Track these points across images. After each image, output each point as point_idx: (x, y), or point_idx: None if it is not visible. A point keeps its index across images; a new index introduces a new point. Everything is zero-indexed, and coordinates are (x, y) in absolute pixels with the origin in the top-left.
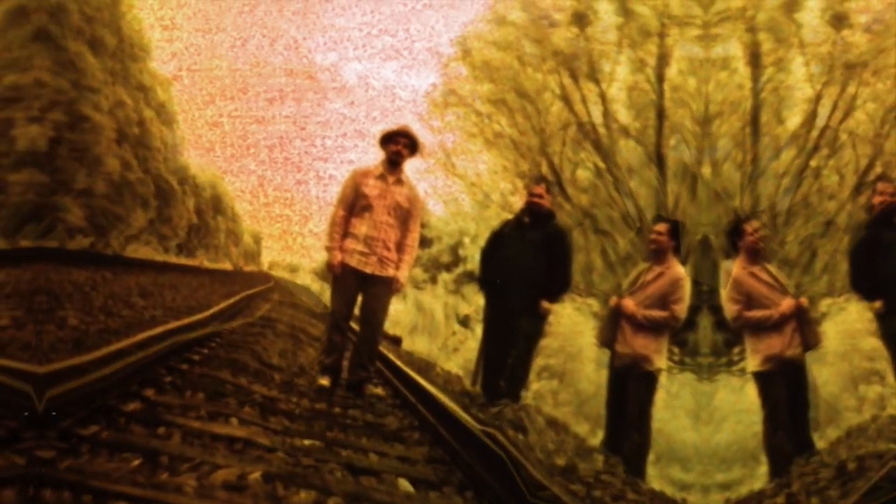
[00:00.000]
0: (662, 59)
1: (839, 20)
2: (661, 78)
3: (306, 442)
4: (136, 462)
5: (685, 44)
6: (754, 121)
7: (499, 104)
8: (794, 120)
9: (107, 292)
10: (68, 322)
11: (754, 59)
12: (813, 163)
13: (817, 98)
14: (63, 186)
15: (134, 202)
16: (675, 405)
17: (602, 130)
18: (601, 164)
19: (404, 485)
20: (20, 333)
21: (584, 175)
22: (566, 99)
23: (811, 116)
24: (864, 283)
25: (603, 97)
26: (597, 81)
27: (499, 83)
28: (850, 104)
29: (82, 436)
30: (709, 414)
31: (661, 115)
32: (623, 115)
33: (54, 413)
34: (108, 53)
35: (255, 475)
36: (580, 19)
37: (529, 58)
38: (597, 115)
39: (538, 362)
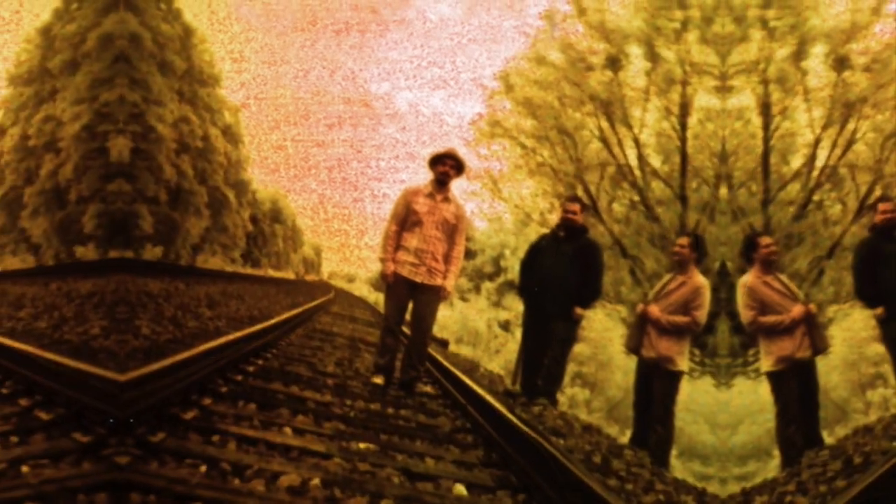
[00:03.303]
0: (684, 108)
1: (841, 63)
2: (683, 126)
3: (362, 445)
4: (203, 468)
5: (704, 94)
6: (765, 161)
7: (542, 140)
8: (797, 162)
9: (177, 303)
10: (142, 331)
11: (765, 110)
12: (816, 197)
13: (816, 142)
14: (140, 195)
15: (188, 210)
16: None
17: (638, 173)
18: (636, 198)
19: (459, 489)
20: (107, 342)
21: (618, 208)
22: (605, 141)
23: (811, 159)
24: (867, 291)
25: (637, 141)
26: (629, 127)
27: (542, 120)
28: (850, 139)
29: (152, 443)
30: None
31: (684, 158)
32: (654, 160)
33: (132, 420)
34: (177, 76)
35: (315, 481)
36: (613, 63)
37: (569, 100)
38: (632, 158)
39: (572, 368)
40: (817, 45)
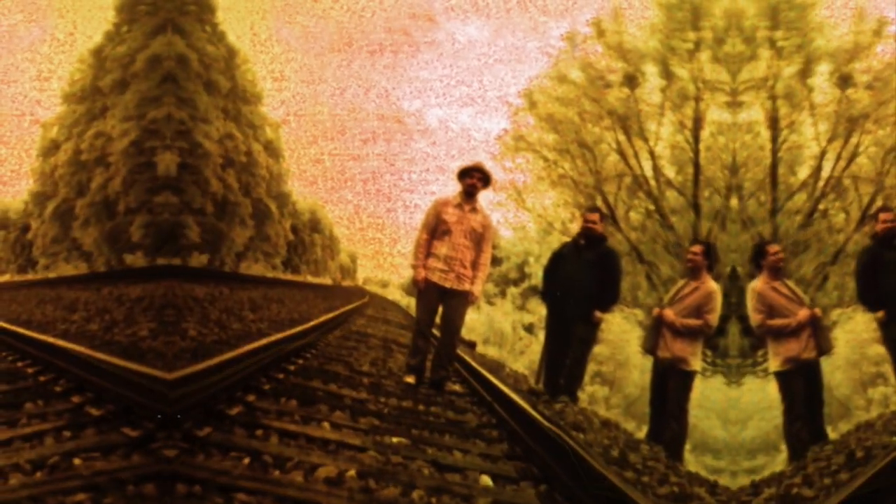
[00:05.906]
0: (697, 122)
1: (844, 81)
2: (697, 138)
3: (395, 439)
4: (247, 460)
5: (716, 109)
6: (773, 172)
7: (563, 153)
8: (803, 173)
9: (222, 307)
10: (189, 333)
11: (773, 124)
12: (821, 206)
13: (822, 154)
14: (187, 206)
15: (234, 220)
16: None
17: (653, 183)
18: (651, 208)
19: (485, 480)
20: (155, 343)
21: (635, 216)
22: (622, 153)
23: (817, 170)
24: (869, 296)
25: (652, 154)
26: (645, 140)
27: (563, 134)
28: (853, 152)
29: (198, 437)
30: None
31: (697, 169)
32: (668, 171)
33: (179, 416)
34: (222, 95)
35: (351, 472)
36: (630, 80)
37: (588, 115)
38: (648, 169)
39: (592, 367)
40: (822, 63)
